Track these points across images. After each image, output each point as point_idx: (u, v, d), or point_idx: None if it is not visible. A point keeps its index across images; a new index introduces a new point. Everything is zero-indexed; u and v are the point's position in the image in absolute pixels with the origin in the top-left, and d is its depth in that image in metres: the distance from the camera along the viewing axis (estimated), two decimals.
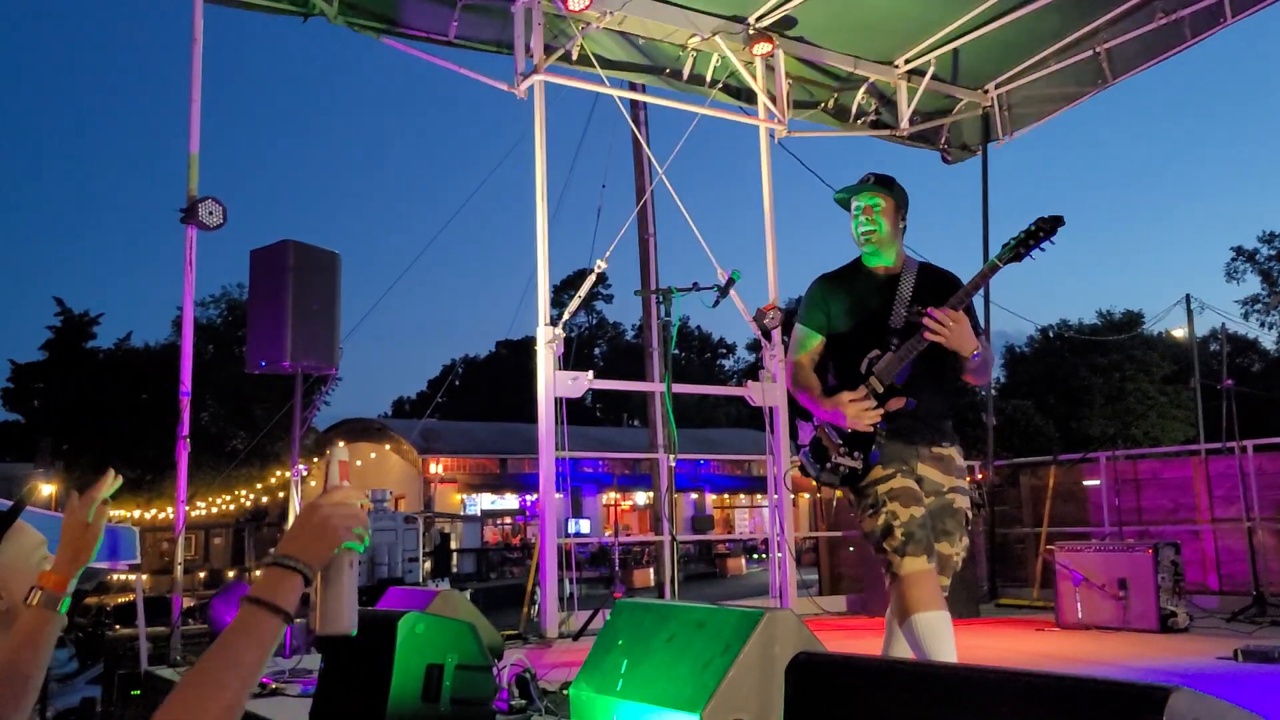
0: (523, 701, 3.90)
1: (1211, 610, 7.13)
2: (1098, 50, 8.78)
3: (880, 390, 3.37)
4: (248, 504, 23.75)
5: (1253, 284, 39.97)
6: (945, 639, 3.16)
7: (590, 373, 7.23)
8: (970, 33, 8.53)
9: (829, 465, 3.43)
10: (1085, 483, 9.03)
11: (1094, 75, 8.94)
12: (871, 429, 3.35)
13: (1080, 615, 6.55)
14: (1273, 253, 39.36)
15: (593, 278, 7.68)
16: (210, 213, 5.95)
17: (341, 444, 1.68)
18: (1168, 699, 1.38)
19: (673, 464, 4.29)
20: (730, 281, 4.27)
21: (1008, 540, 9.35)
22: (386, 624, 3.36)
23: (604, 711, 2.85)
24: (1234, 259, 40.31)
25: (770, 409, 7.79)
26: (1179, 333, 28.66)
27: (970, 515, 3.49)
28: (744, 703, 2.54)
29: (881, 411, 3.35)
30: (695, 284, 4.26)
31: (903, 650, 3.22)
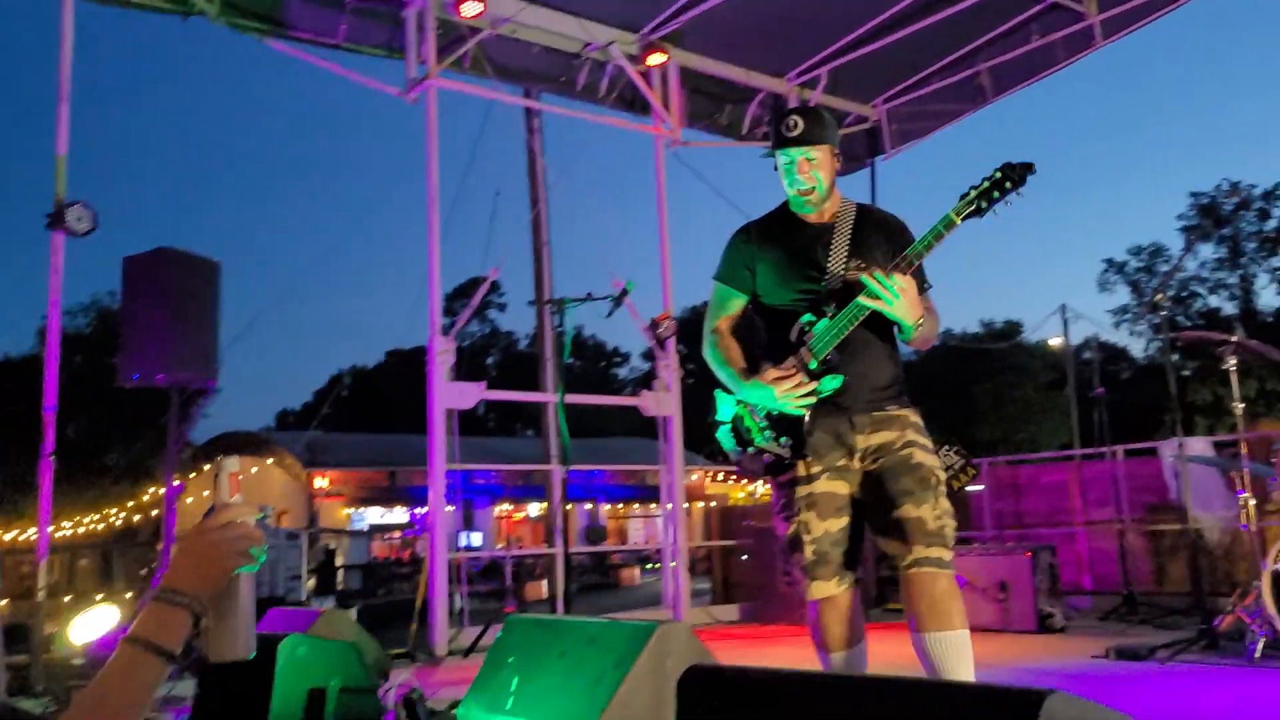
0: None
1: (1085, 610, 7.40)
2: (978, 69, 9.09)
3: (812, 365, 2.93)
4: (118, 523, 22.74)
5: (1123, 294, 41.88)
6: (857, 666, 2.96)
7: (483, 384, 7.15)
8: (859, 48, 8.73)
9: (751, 450, 3.02)
10: (968, 488, 9.30)
11: (974, 93, 9.26)
12: (802, 411, 2.92)
13: None
14: (1141, 265, 41.33)
15: (485, 286, 7.60)
16: (79, 218, 5.66)
17: (235, 457, 1.57)
18: (1043, 703, 1.41)
19: (565, 475, 4.24)
20: (624, 292, 4.25)
21: None
22: (265, 648, 3.23)
23: None
24: (1105, 270, 42.22)
25: (664, 419, 7.81)
26: (1055, 341, 29.81)
27: (941, 476, 2.97)
28: (636, 718, 2.51)
29: (814, 394, 2.91)
30: (589, 294, 4.23)
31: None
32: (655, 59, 8.12)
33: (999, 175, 2.82)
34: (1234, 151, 75.43)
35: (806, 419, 2.92)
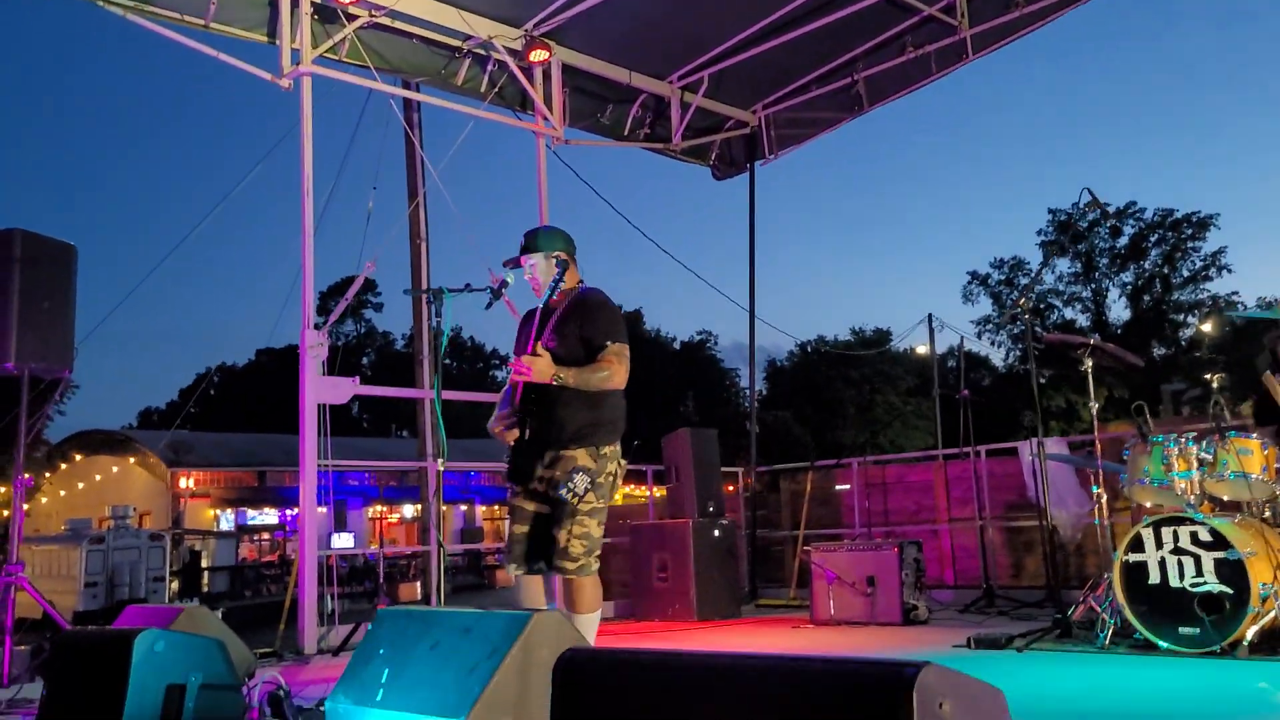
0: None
1: (948, 603, 7.67)
2: (855, 78, 9.34)
3: (516, 413, 4.04)
4: None
5: (985, 305, 43.60)
6: None
7: (356, 378, 6.97)
8: (740, 53, 8.86)
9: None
10: (839, 487, 9.53)
11: (852, 102, 9.51)
12: (510, 444, 4.08)
13: (833, 612, 6.88)
14: (1002, 277, 43.09)
15: (360, 279, 7.43)
16: None
17: None
18: (918, 674, 1.45)
19: (441, 469, 4.18)
20: (503, 284, 4.20)
21: (769, 543, 9.73)
22: (120, 643, 3.09)
23: None
24: (969, 282, 43.88)
25: None
26: (922, 349, 30.83)
27: (581, 506, 3.98)
28: (510, 706, 2.49)
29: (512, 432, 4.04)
30: (468, 285, 4.17)
31: None
32: (538, 55, 8.06)
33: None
34: (1092, 169, 79.32)
35: (511, 453, 4.15)
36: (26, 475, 5.99)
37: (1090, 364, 5.80)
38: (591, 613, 4.02)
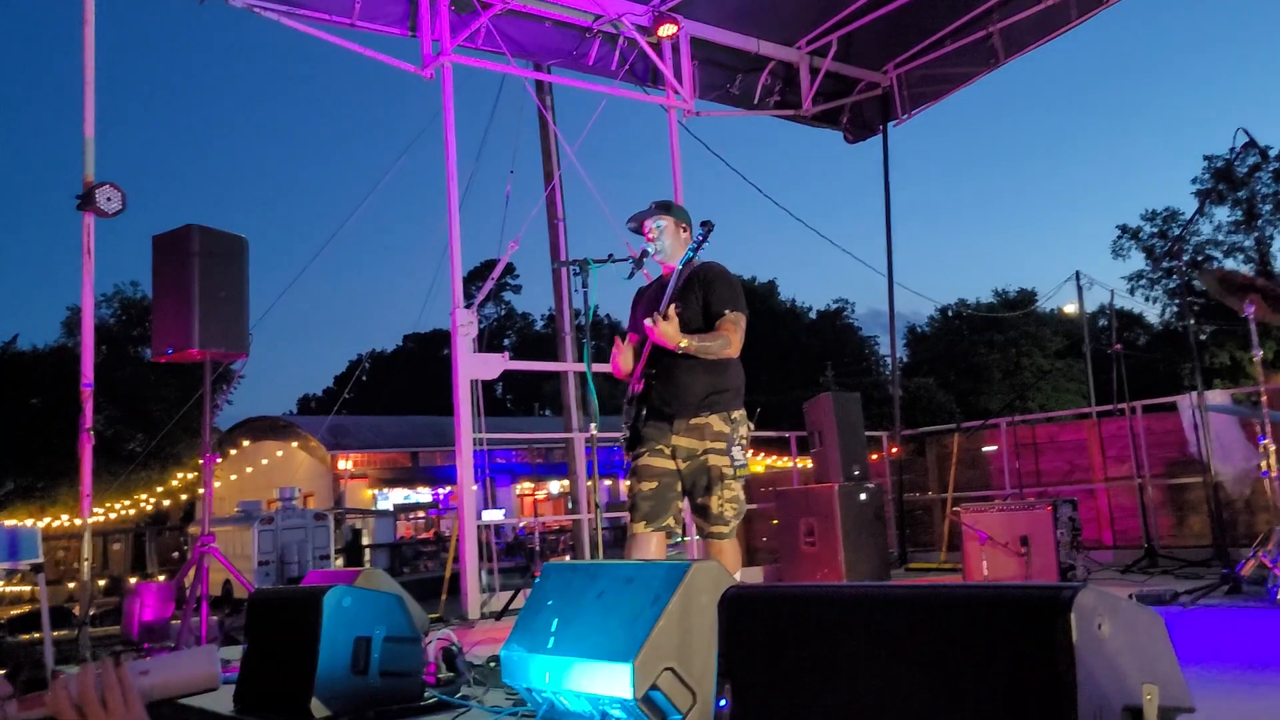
0: (450, 674, 3.91)
1: (1107, 564, 7.48)
2: (990, 30, 9.09)
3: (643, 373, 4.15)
4: (148, 508, 23.01)
5: (1137, 260, 41.65)
6: None
7: (506, 354, 7.25)
8: (869, 14, 8.74)
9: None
10: (987, 449, 9.36)
11: (987, 55, 9.26)
12: (631, 412, 4.16)
13: (986, 573, 6.80)
14: (1155, 230, 41.05)
15: (504, 260, 7.69)
16: (109, 199, 5.78)
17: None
18: (1076, 595, 1.50)
19: (595, 431, 4.34)
20: (644, 253, 4.32)
21: (915, 507, 9.64)
22: (312, 599, 3.34)
23: (536, 669, 2.88)
24: (1119, 237, 41.97)
25: None
26: (1070, 308, 29.74)
27: (726, 470, 4.04)
28: (674, 649, 2.61)
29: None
30: (611, 255, 4.31)
31: None
32: (666, 30, 8.16)
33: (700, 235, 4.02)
34: (1249, 114, 74.58)
35: (637, 419, 4.19)
36: (208, 457, 6.46)
37: (1253, 310, 5.54)
38: (735, 572, 4.11)
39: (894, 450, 9.77)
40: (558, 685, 2.82)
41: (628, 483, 4.21)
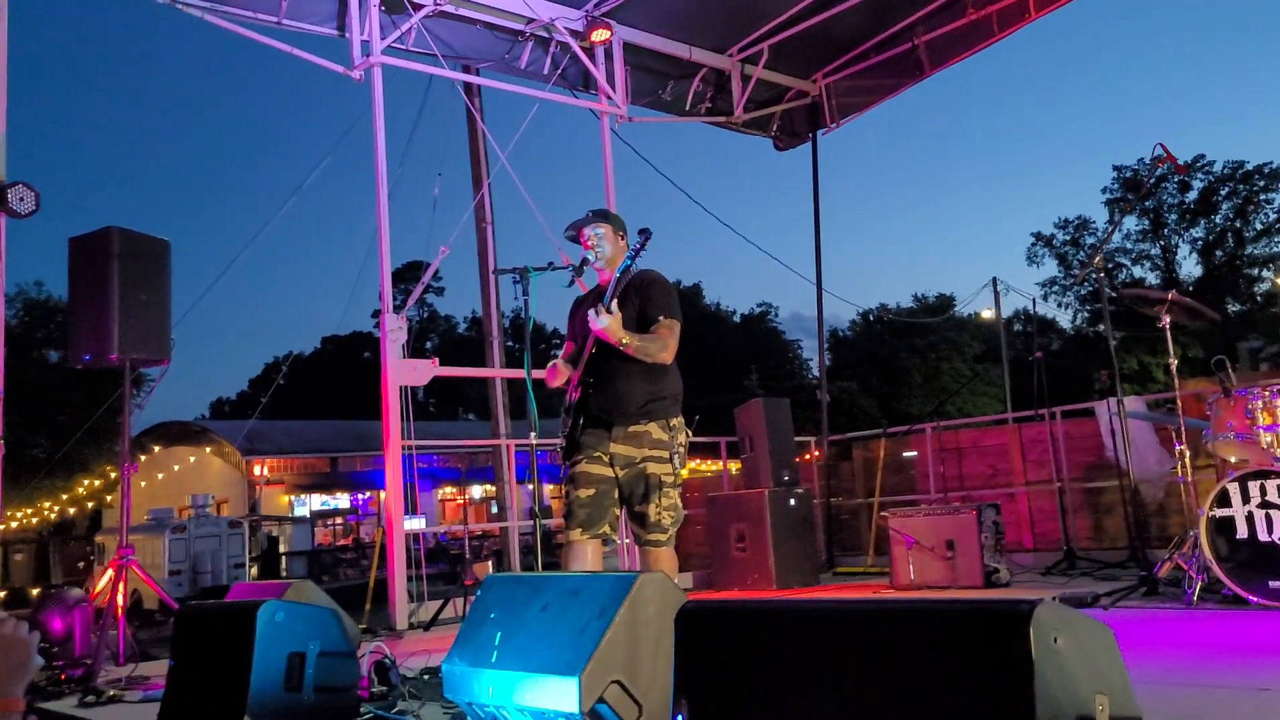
0: (383, 688, 3.84)
1: (1028, 566, 7.66)
2: (916, 43, 9.27)
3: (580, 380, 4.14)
4: (52, 516, 22.22)
5: (1050, 267, 42.94)
6: None
7: (435, 360, 7.15)
8: (799, 23, 8.84)
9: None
10: (911, 454, 9.53)
11: (913, 67, 9.44)
12: (569, 419, 4.16)
13: (913, 576, 6.92)
14: (1068, 237, 42.31)
15: (435, 263, 7.58)
16: (21, 199, 5.56)
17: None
18: (1034, 610, 1.52)
19: (534, 440, 4.30)
20: (584, 261, 4.30)
21: (843, 511, 9.77)
22: (244, 614, 3.25)
23: (480, 683, 2.84)
24: (1034, 244, 43.15)
25: None
26: (987, 314, 30.45)
27: (666, 478, 4.04)
28: (621, 662, 2.59)
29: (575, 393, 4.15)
30: (551, 263, 4.28)
31: None
32: (599, 35, 8.14)
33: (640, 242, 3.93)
34: (1157, 125, 77.22)
35: (575, 426, 4.17)
36: (111, 466, 6.25)
37: (1168, 320, 5.74)
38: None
39: (817, 454, 9.89)
40: (502, 700, 2.78)
41: (563, 489, 4.18)
